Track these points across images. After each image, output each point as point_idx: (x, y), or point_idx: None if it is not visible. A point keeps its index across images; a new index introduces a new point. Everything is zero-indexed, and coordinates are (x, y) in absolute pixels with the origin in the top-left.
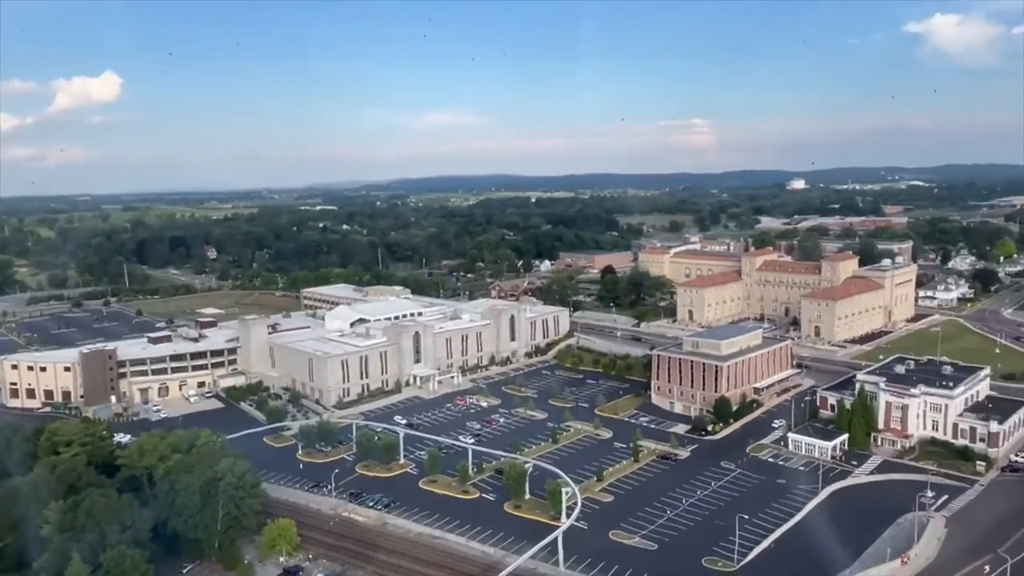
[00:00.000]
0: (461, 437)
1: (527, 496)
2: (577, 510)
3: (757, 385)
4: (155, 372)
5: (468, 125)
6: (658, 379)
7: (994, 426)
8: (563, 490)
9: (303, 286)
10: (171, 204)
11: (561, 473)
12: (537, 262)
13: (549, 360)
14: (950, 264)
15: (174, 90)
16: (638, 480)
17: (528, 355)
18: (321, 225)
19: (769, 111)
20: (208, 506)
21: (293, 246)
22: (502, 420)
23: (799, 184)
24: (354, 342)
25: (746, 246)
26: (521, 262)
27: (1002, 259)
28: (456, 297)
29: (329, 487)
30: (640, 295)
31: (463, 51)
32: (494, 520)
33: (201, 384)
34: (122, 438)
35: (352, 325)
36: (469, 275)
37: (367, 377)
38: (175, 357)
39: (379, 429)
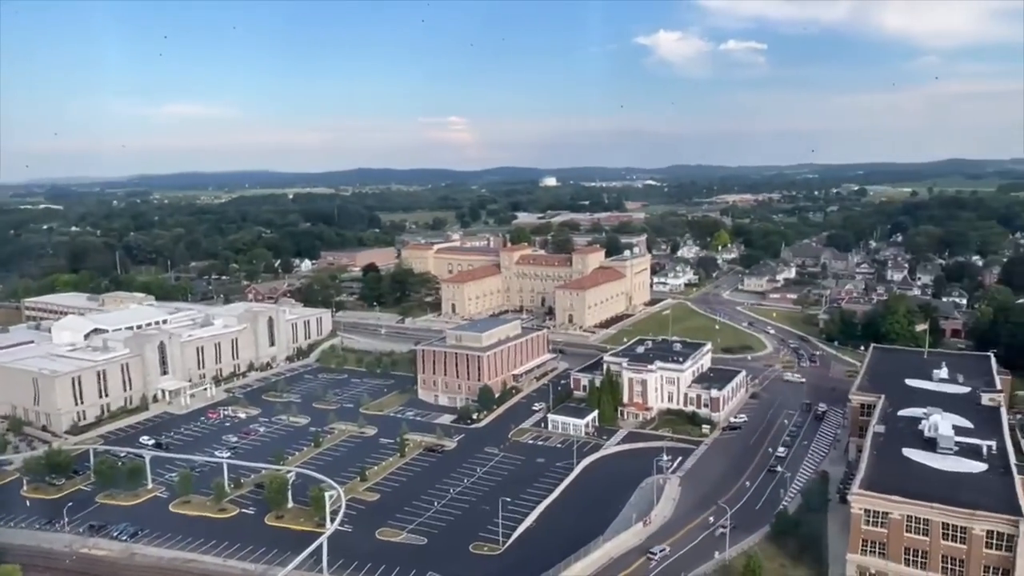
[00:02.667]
0: (217, 452)
1: (290, 505)
2: (341, 513)
3: (516, 372)
4: None
5: (219, 118)
6: (423, 373)
7: (715, 393)
8: (326, 495)
9: (25, 296)
10: None
11: (324, 478)
12: (297, 261)
13: (312, 363)
14: (679, 253)
15: None
16: (405, 475)
17: (290, 359)
18: (46, 227)
19: (524, 111)
20: None
21: (11, 250)
22: (262, 430)
23: (551, 181)
24: (89, 356)
25: (504, 241)
26: (279, 262)
27: (720, 248)
28: (209, 301)
29: (62, 522)
30: (404, 292)
31: (210, 41)
32: (255, 535)
33: None
34: None
35: (87, 337)
36: (222, 278)
37: (107, 395)
38: None
39: (122, 453)
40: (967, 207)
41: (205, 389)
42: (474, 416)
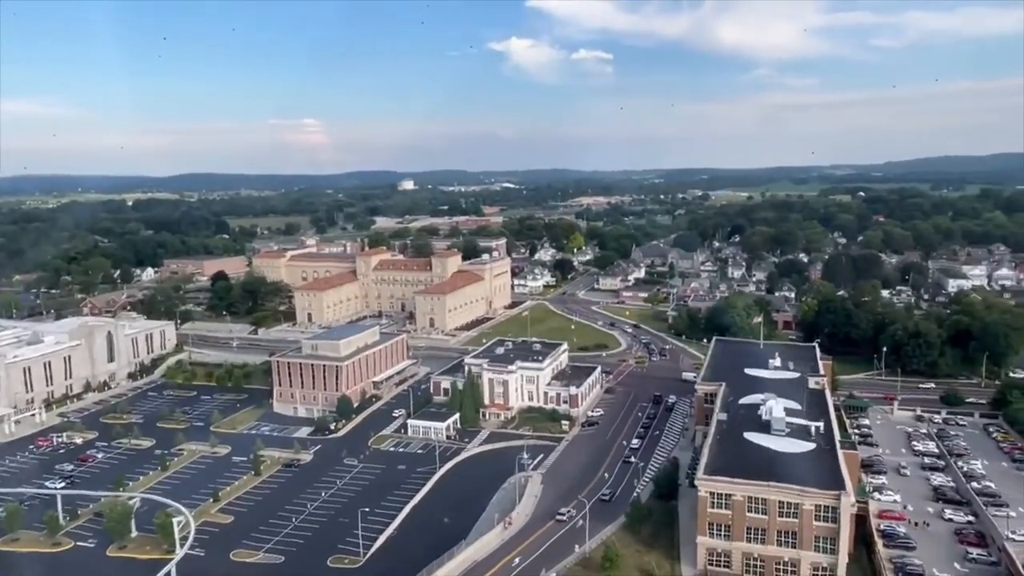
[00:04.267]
0: (48, 483)
1: (134, 535)
2: (191, 538)
3: (376, 379)
4: None
5: (53, 118)
6: (279, 385)
7: (573, 390)
8: (174, 520)
9: None
10: None
11: (172, 502)
12: (138, 271)
13: (157, 379)
14: (536, 256)
15: None
16: (261, 494)
17: (132, 376)
18: None
19: (381, 114)
20: None
21: None
22: (101, 455)
23: (410, 185)
24: None
25: (362, 246)
26: (119, 272)
27: (575, 250)
28: (38, 318)
29: None
30: (257, 301)
31: (42, 37)
32: (96, 569)
33: None
34: None
35: None
36: (53, 291)
37: None
38: None
39: None
40: (794, 209)
41: (34, 414)
42: (333, 427)
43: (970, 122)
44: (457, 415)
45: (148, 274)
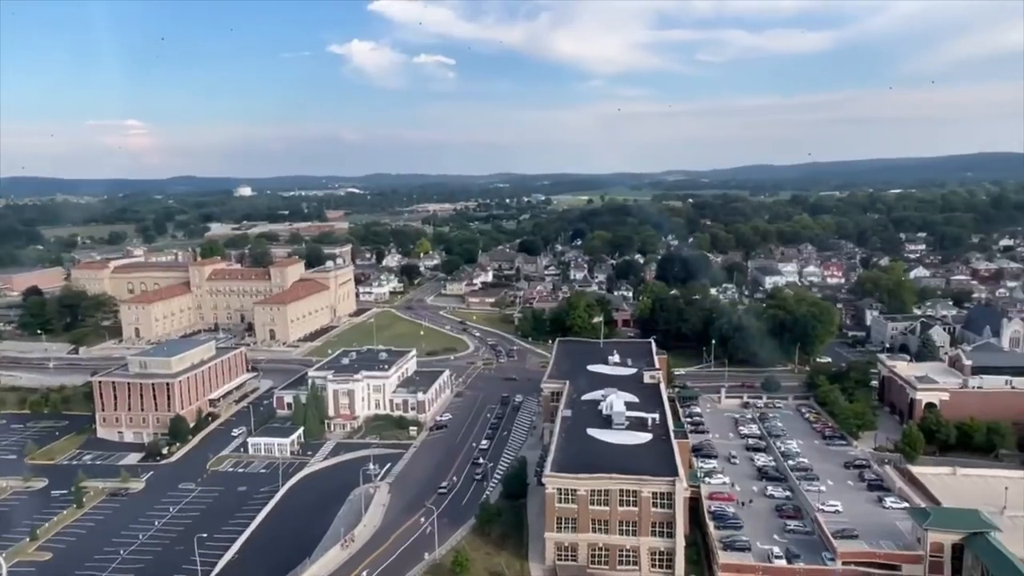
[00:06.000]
0: None
1: None
2: None
3: (213, 396)
4: None
5: None
6: (103, 409)
7: (420, 396)
8: None
9: None
10: None
11: None
12: None
13: None
14: (383, 262)
15: None
16: (84, 527)
17: None
18: None
19: (214, 117)
20: None
21: None
22: None
23: (247, 191)
24: None
25: (195, 256)
26: None
27: (422, 255)
28: None
29: None
30: (77, 317)
31: None
32: None
33: None
34: None
35: None
36: None
37: None
38: None
39: None
40: (630, 213)
41: None
42: (165, 451)
43: (782, 134)
44: (301, 429)
45: None
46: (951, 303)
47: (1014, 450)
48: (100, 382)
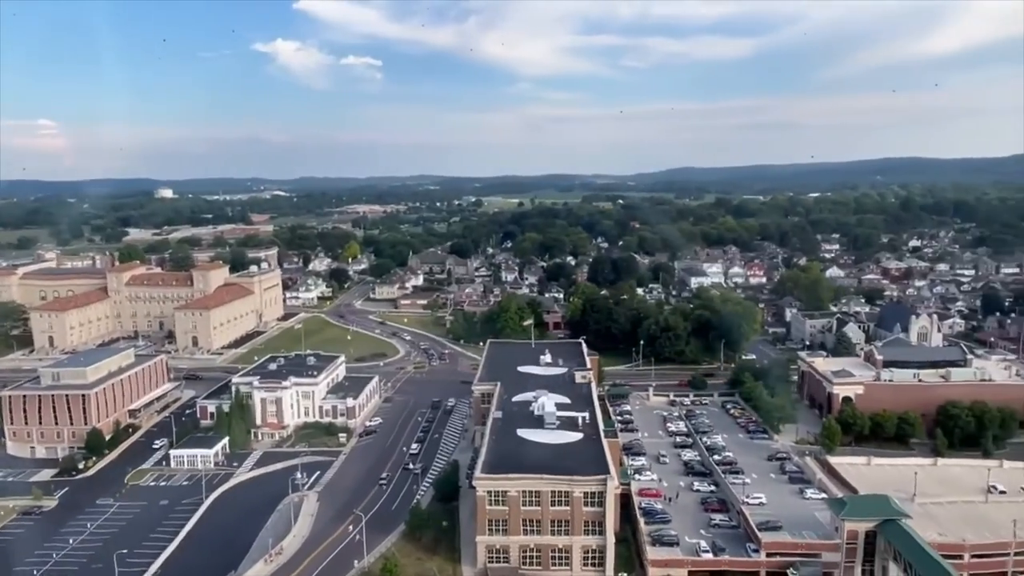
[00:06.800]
0: None
1: None
2: None
3: (133, 408)
4: None
5: None
6: (12, 424)
7: (350, 402)
8: None
9: None
10: None
11: None
12: None
13: None
14: (311, 266)
15: None
16: None
17: None
18: None
19: (133, 117)
20: None
21: None
22: None
23: (168, 193)
24: None
25: (112, 261)
26: None
27: (351, 259)
28: None
29: None
30: None
31: None
32: None
33: None
34: None
35: None
36: None
37: None
38: None
39: None
40: (560, 216)
41: None
42: (81, 466)
43: (705, 138)
44: (226, 439)
45: None
46: (864, 301)
47: (924, 439)
48: (10, 396)
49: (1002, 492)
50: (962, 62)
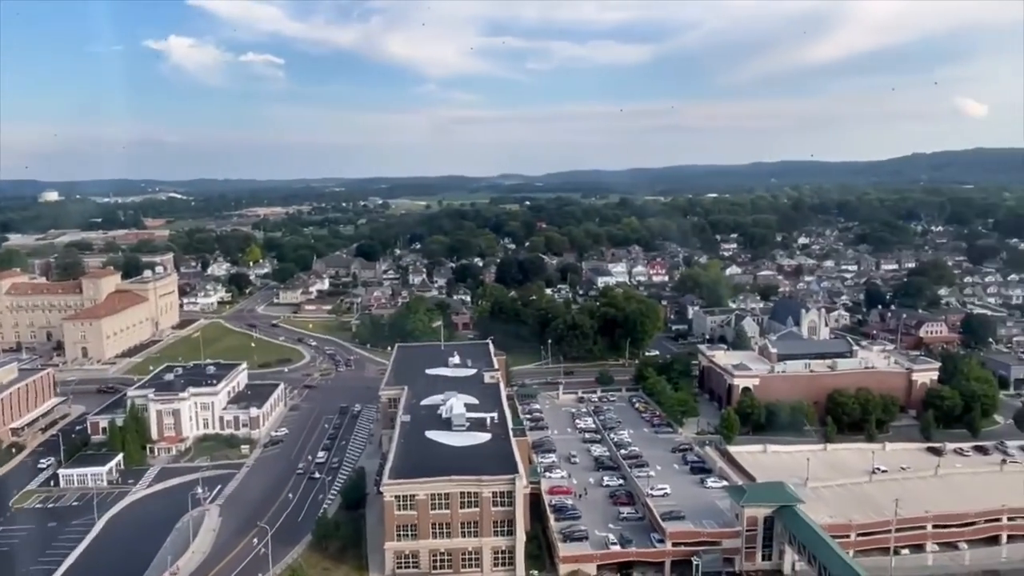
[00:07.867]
0: None
1: None
2: None
3: (16, 425)
4: None
5: None
6: None
7: (254, 411)
8: None
9: None
10: None
11: None
12: None
13: None
14: (209, 271)
15: None
16: None
17: None
18: None
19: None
20: None
21: None
22: None
23: (54, 196)
24: None
25: None
26: None
27: (252, 263)
28: None
29: None
30: None
31: None
32: None
33: None
34: None
35: None
36: None
37: None
38: None
39: None
40: (468, 217)
41: None
42: None
43: (610, 140)
44: (120, 456)
45: None
46: (759, 297)
47: (815, 426)
48: None
49: (884, 472)
50: (848, 69)
